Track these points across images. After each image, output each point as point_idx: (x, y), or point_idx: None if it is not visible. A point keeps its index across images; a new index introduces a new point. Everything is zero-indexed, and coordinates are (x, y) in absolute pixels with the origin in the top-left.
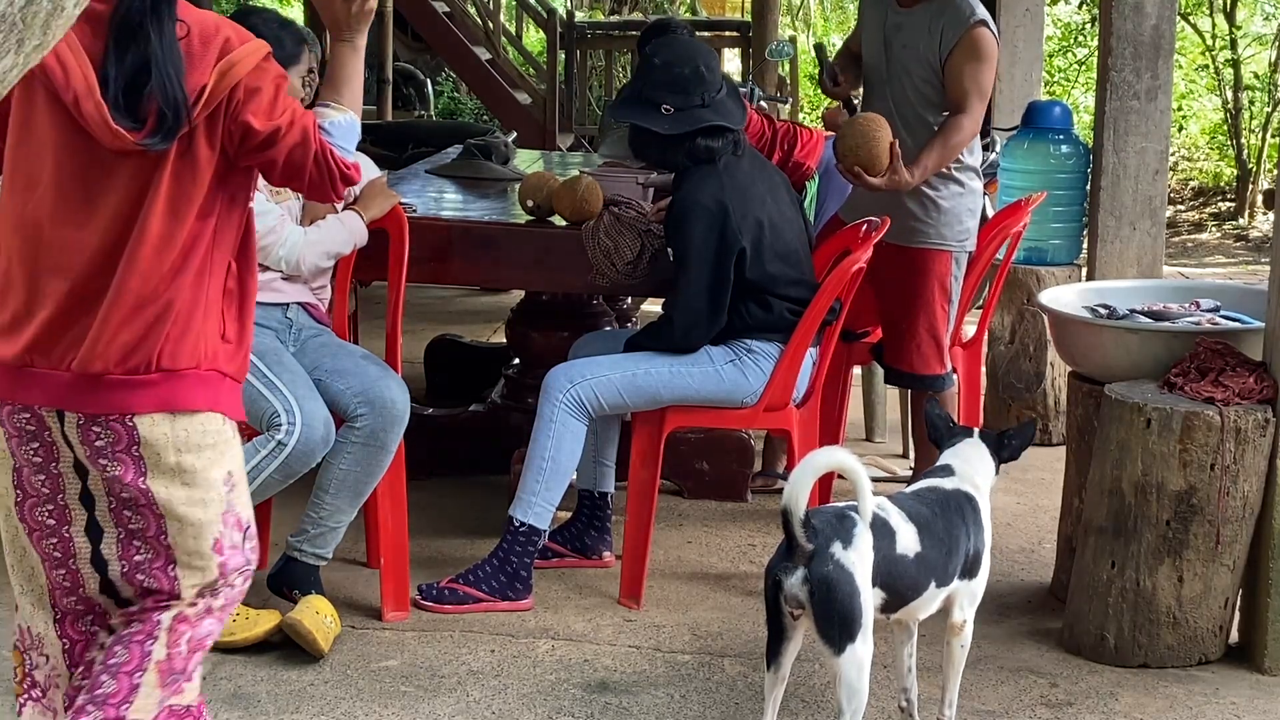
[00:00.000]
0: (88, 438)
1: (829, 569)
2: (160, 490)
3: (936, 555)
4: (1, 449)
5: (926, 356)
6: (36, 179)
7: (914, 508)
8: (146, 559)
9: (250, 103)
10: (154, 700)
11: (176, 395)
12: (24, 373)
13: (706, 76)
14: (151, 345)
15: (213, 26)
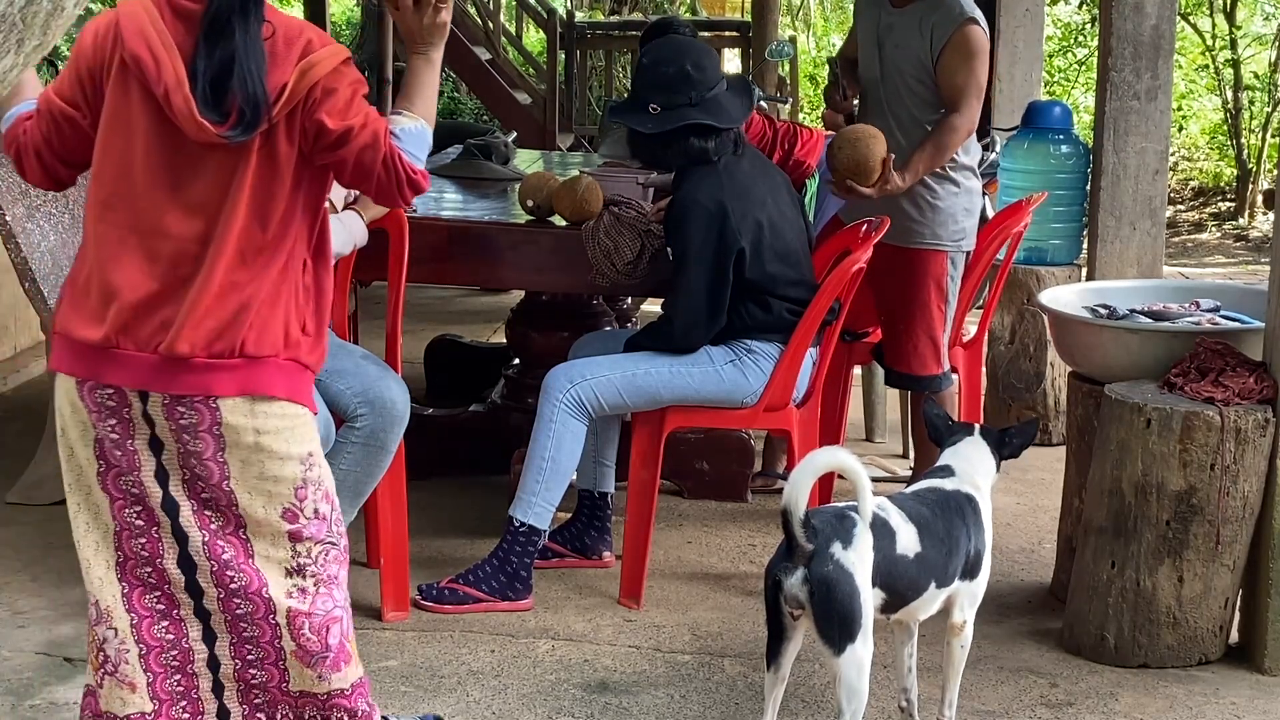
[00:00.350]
0: (172, 415)
1: (829, 569)
2: (235, 465)
3: (937, 556)
4: (84, 421)
5: (924, 357)
6: (126, 168)
7: (914, 508)
8: (219, 526)
9: (326, 102)
10: (309, 676)
11: (257, 381)
12: (109, 354)
13: (694, 76)
14: (236, 332)
15: (297, 29)
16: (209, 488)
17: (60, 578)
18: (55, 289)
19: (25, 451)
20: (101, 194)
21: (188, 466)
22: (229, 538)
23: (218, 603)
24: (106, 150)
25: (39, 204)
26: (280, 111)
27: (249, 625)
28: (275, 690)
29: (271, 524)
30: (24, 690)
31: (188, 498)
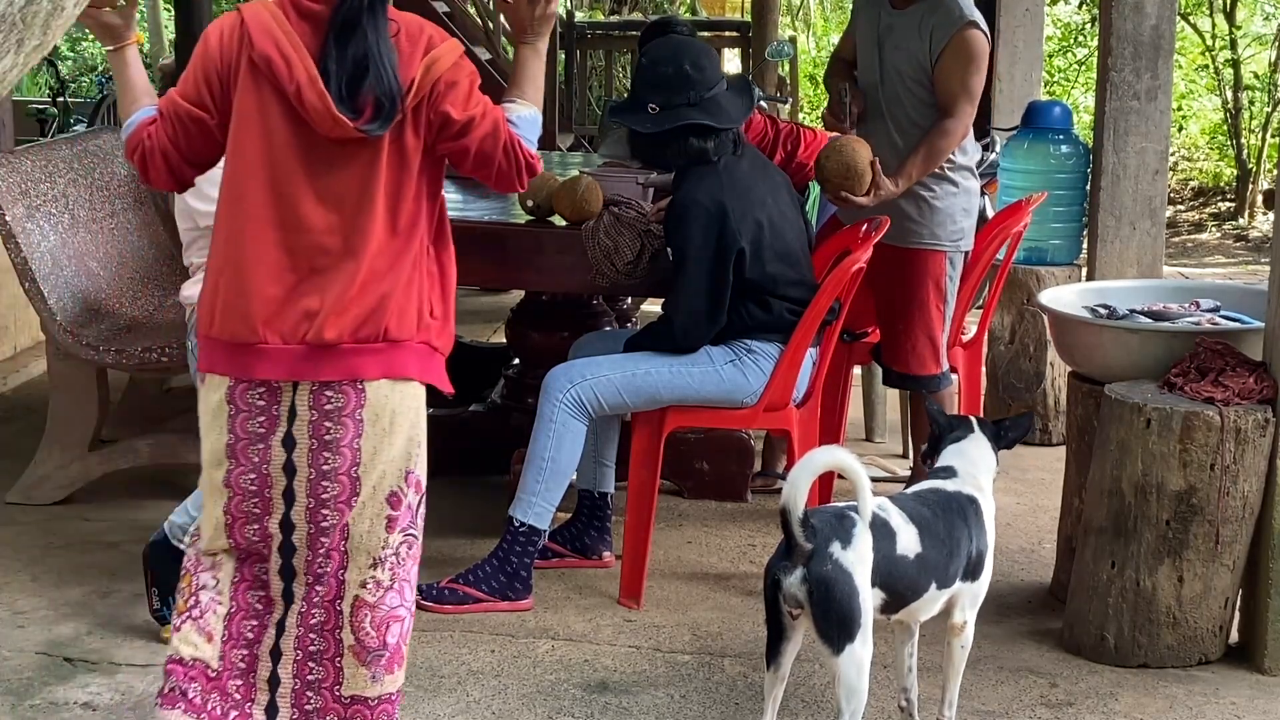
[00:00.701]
0: (319, 402)
1: (828, 569)
2: (366, 448)
3: (938, 557)
4: (223, 426)
5: (922, 357)
6: (260, 166)
7: (915, 509)
8: (332, 520)
9: (449, 94)
10: (363, 677)
11: (397, 363)
12: (256, 350)
13: (692, 75)
14: (380, 319)
15: (417, 27)
16: (336, 480)
17: (60, 578)
18: (55, 289)
19: (25, 451)
20: (237, 191)
21: (319, 464)
22: (332, 531)
23: (303, 588)
24: (239, 150)
25: (39, 204)
26: (409, 105)
27: (319, 611)
28: (328, 693)
29: (376, 509)
30: (24, 690)
31: (307, 495)
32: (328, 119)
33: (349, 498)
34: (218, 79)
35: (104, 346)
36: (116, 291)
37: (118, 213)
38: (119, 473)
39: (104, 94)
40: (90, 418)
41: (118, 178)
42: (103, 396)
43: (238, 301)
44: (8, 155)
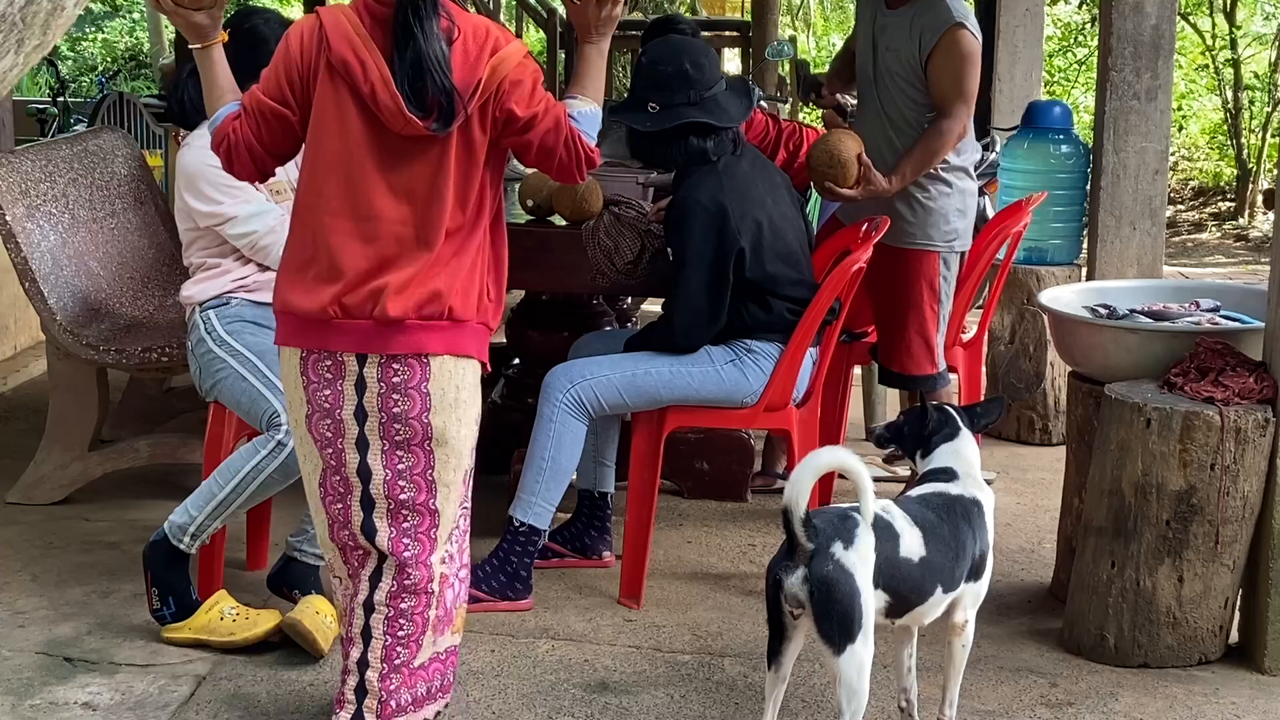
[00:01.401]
0: (386, 375)
1: (829, 569)
2: (438, 422)
3: (943, 561)
4: (301, 398)
5: (917, 357)
6: (338, 160)
7: (920, 512)
8: (411, 494)
9: (514, 93)
10: (430, 647)
11: (459, 341)
12: (329, 325)
13: (692, 75)
14: (445, 300)
15: (484, 29)
16: (411, 451)
17: (60, 578)
18: (55, 289)
19: (25, 451)
20: (315, 183)
21: (392, 435)
22: (420, 509)
23: (392, 571)
24: (318, 144)
25: (39, 204)
26: (475, 104)
27: (409, 597)
28: (405, 671)
29: (454, 486)
30: (24, 690)
31: (387, 468)
32: (399, 118)
33: (425, 470)
34: (298, 78)
35: (104, 346)
36: (116, 291)
37: (118, 213)
38: (119, 473)
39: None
40: (90, 418)
41: (118, 178)
42: (103, 396)
43: (314, 283)
44: (8, 155)
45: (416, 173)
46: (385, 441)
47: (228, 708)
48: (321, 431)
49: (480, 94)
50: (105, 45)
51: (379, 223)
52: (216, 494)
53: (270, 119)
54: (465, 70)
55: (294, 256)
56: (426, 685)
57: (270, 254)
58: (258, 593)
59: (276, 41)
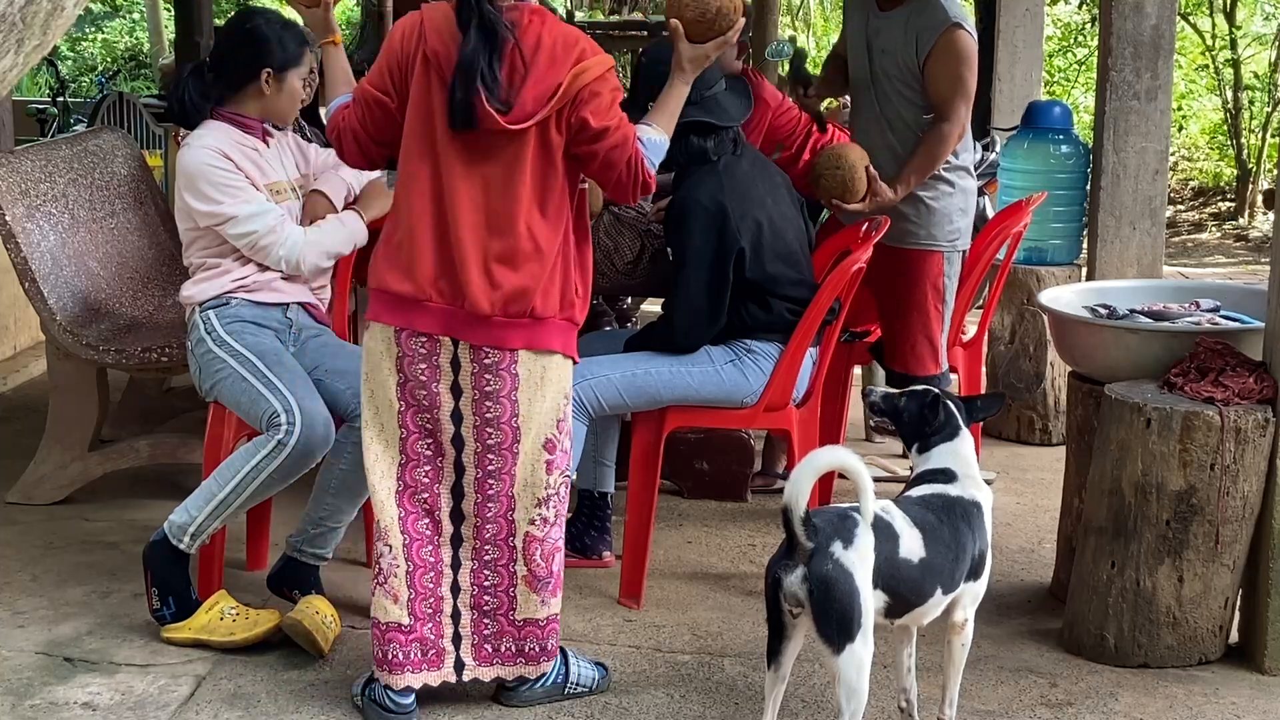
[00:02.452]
0: (478, 356)
1: (828, 568)
2: (525, 399)
3: (944, 562)
4: (389, 368)
5: (921, 357)
6: (427, 148)
7: (920, 514)
8: (498, 464)
9: (591, 103)
10: (534, 601)
11: (540, 338)
12: (421, 305)
13: None
14: (528, 298)
15: (573, 38)
16: (497, 428)
17: (60, 578)
18: (55, 289)
19: (25, 451)
20: (409, 168)
21: (480, 412)
22: (502, 475)
23: (473, 529)
24: (410, 131)
25: (39, 204)
26: (553, 107)
27: (492, 548)
28: (503, 619)
29: (536, 455)
30: (24, 690)
31: (475, 439)
32: (479, 111)
33: (511, 444)
34: (398, 68)
35: (104, 346)
36: (116, 291)
37: (118, 213)
38: (119, 473)
39: (104, 94)
40: (90, 418)
41: (118, 178)
42: (103, 396)
43: (407, 264)
44: (8, 155)
45: (493, 165)
46: (477, 417)
47: (228, 708)
48: (417, 399)
49: (559, 98)
50: (105, 45)
51: (455, 209)
52: (216, 494)
53: (373, 106)
54: (550, 74)
55: (389, 236)
56: (531, 644)
57: (270, 254)
58: (258, 593)
59: (276, 41)
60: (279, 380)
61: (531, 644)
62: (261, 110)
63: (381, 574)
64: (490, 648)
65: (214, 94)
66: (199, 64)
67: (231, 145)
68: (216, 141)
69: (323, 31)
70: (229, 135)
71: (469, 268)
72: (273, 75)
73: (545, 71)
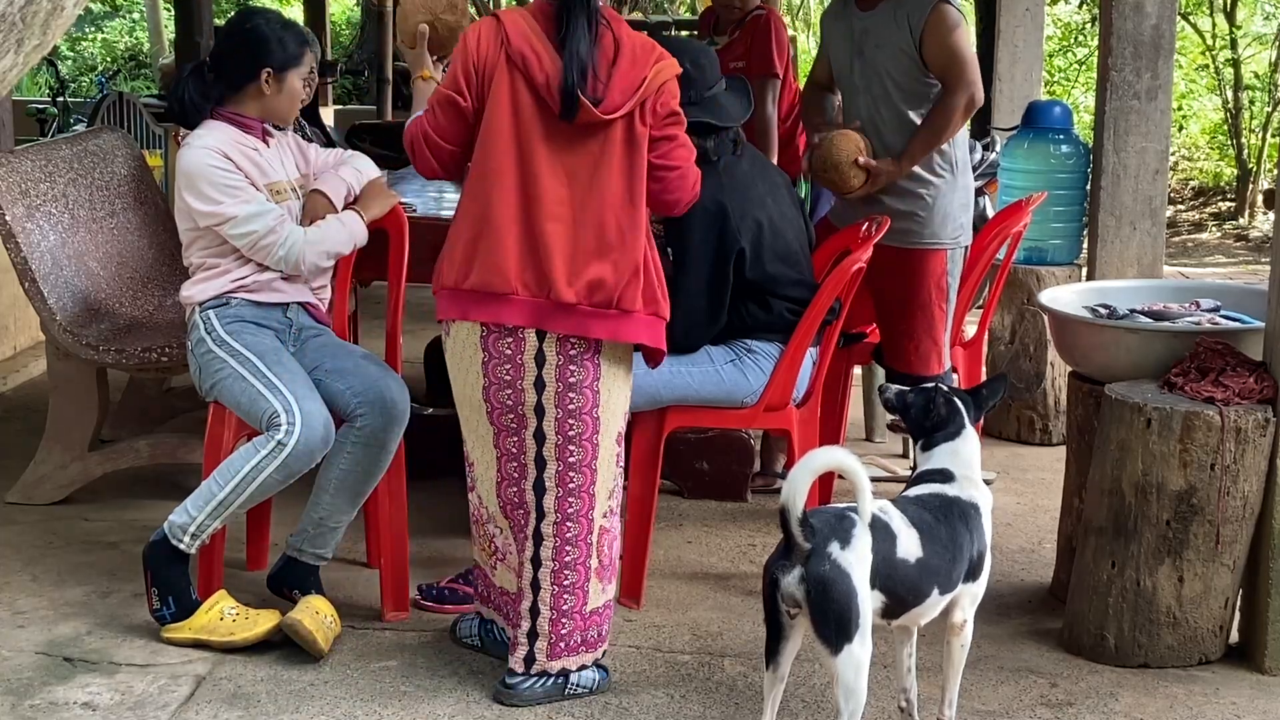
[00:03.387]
0: (564, 348)
1: (825, 569)
2: (604, 389)
3: (941, 562)
4: (477, 372)
5: (926, 357)
6: (508, 144)
7: (917, 514)
8: (579, 457)
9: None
10: (598, 592)
11: (625, 330)
12: (506, 299)
13: (692, 74)
14: (612, 288)
15: (650, 43)
16: (579, 419)
17: (60, 578)
18: (55, 289)
19: (25, 451)
20: (490, 165)
21: (565, 402)
22: (584, 469)
23: (553, 527)
24: (490, 129)
25: (39, 204)
26: (638, 100)
27: (573, 548)
28: (578, 616)
29: (611, 449)
30: (24, 690)
31: (555, 432)
32: (572, 104)
33: (592, 434)
34: (474, 70)
35: (104, 346)
36: (116, 291)
37: (118, 213)
38: (119, 473)
39: (104, 94)
40: (90, 418)
41: (118, 178)
42: (103, 396)
43: (489, 258)
44: (8, 155)
45: (579, 157)
46: (560, 410)
47: (228, 708)
48: (501, 400)
49: (644, 90)
50: (105, 45)
51: (542, 202)
52: (216, 494)
53: (445, 105)
54: (634, 70)
55: (462, 233)
56: (592, 631)
57: (270, 254)
58: (258, 593)
59: (276, 41)
60: (279, 380)
61: (593, 631)
62: (261, 110)
63: (499, 551)
64: (564, 645)
65: (214, 94)
66: (199, 64)
67: (231, 145)
68: (216, 141)
69: (415, 67)
70: (229, 135)
71: (554, 258)
72: (272, 75)
73: (629, 68)
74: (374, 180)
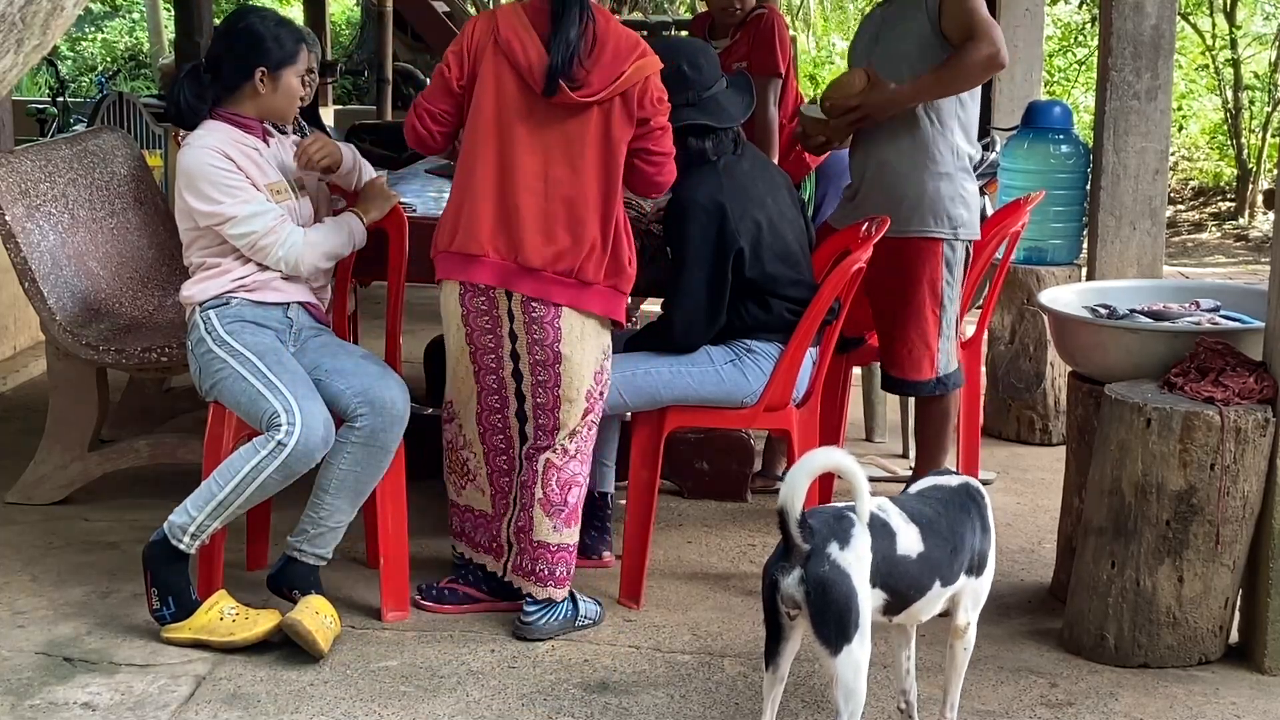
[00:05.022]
0: (527, 310)
1: (825, 569)
2: (566, 350)
3: (941, 554)
4: (458, 324)
5: (918, 360)
6: (492, 121)
7: (916, 508)
8: (545, 400)
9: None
10: (547, 526)
11: (583, 300)
12: (479, 260)
13: (689, 75)
14: (575, 259)
15: (635, 40)
16: (545, 368)
17: (60, 578)
18: (55, 289)
19: (25, 451)
20: (475, 145)
21: (533, 353)
22: (549, 412)
23: (530, 448)
24: (477, 108)
25: (39, 204)
26: (618, 89)
27: (526, 469)
28: (526, 537)
29: (577, 401)
30: (24, 690)
31: (530, 375)
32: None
33: (554, 385)
34: (466, 53)
35: (104, 346)
36: (116, 291)
37: (118, 213)
38: (119, 473)
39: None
40: (90, 418)
41: (118, 178)
42: (103, 396)
43: (469, 225)
44: (8, 155)
45: (556, 137)
46: (530, 358)
47: (228, 708)
48: (483, 344)
49: (622, 82)
50: (105, 45)
51: (517, 175)
52: (216, 494)
53: (436, 80)
54: (615, 62)
55: (453, 202)
56: (542, 565)
57: (269, 254)
58: (258, 593)
59: (271, 39)
60: (279, 380)
61: (542, 566)
62: (259, 109)
63: (470, 473)
64: (520, 561)
65: (210, 95)
66: (195, 65)
67: (232, 145)
68: (217, 142)
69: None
70: (229, 135)
71: (525, 225)
72: (268, 74)
73: (610, 60)
74: (373, 180)
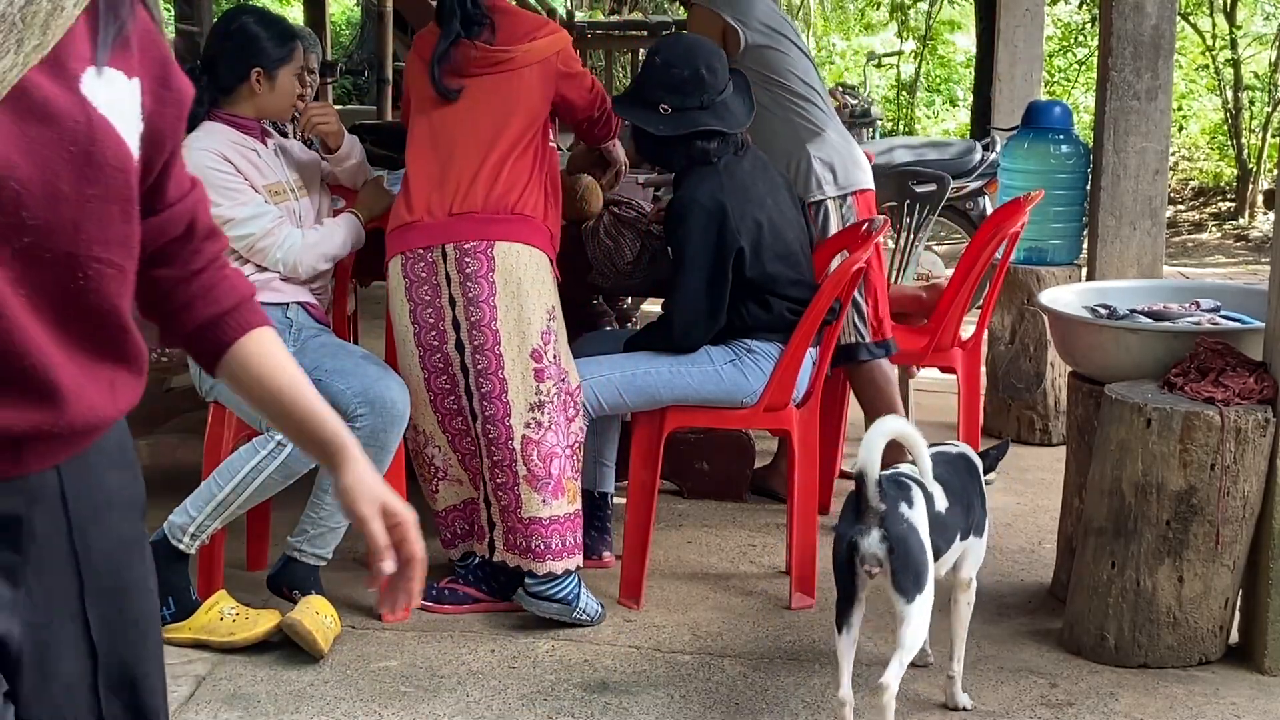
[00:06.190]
0: (461, 265)
1: (903, 527)
2: (501, 305)
3: (960, 511)
4: (402, 299)
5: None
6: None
7: (939, 471)
8: (486, 363)
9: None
10: (536, 500)
11: (522, 231)
12: (415, 226)
13: (706, 79)
14: (508, 195)
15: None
16: (481, 330)
17: None
18: None
19: None
20: (412, 131)
21: (469, 315)
22: (491, 376)
23: (482, 429)
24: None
25: None
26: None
27: (497, 449)
28: (513, 516)
29: (523, 363)
30: None
31: (469, 341)
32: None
33: (493, 346)
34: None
35: None
36: None
37: None
38: None
39: None
40: None
41: None
42: None
43: (407, 199)
44: None
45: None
46: (468, 321)
47: (228, 708)
48: (425, 320)
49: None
50: None
51: (452, 136)
52: (216, 494)
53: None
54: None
55: (404, 185)
56: (537, 541)
57: (268, 256)
58: (258, 593)
59: (266, 39)
60: None
61: (537, 541)
62: (256, 110)
63: (439, 470)
64: (512, 540)
65: (206, 97)
66: (190, 68)
67: (230, 147)
68: (215, 143)
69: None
70: (227, 137)
71: (462, 175)
72: (263, 74)
73: (515, 24)
74: (373, 180)
